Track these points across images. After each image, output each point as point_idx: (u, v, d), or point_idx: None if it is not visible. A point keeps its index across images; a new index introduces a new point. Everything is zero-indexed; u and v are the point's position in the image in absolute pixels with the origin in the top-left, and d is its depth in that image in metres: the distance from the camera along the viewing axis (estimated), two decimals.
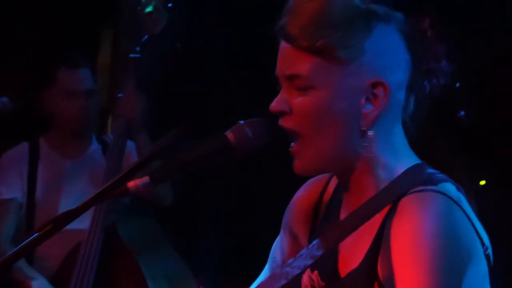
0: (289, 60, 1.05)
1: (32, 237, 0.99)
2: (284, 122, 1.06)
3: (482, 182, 3.02)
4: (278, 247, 1.32)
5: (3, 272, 1.00)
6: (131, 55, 2.55)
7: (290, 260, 1.09)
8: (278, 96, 1.07)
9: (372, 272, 1.03)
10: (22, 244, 0.99)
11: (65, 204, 2.58)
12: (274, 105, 1.06)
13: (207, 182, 3.30)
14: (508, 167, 3.06)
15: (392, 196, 1.04)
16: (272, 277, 1.12)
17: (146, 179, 1.00)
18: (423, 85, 1.11)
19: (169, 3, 2.47)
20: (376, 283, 1.03)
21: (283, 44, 1.07)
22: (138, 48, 2.52)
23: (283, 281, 1.09)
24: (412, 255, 0.96)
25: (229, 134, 1.04)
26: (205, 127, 2.91)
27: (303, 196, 1.26)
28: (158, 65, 2.68)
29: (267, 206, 3.40)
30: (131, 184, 1.00)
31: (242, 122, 1.06)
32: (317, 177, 1.23)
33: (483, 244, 1.00)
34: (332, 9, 1.04)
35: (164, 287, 2.54)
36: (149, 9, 2.43)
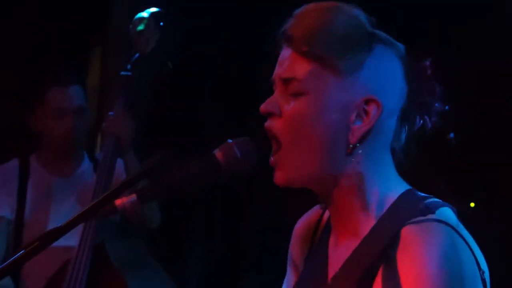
0: (288, 63, 1.05)
1: (18, 254, 0.99)
2: (271, 123, 1.06)
3: (472, 204, 3.09)
4: (285, 283, 1.31)
5: None
6: (122, 73, 2.49)
7: None
8: (270, 98, 1.06)
9: None
10: (8, 261, 0.98)
11: (54, 222, 2.46)
12: (264, 106, 1.06)
13: (192, 201, 3.27)
14: (498, 188, 3.10)
15: (392, 228, 1.03)
16: None
17: (133, 197, 1.00)
18: (415, 119, 1.10)
19: (161, 22, 2.43)
20: None
21: (284, 50, 1.07)
22: (129, 66, 2.47)
23: None
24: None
25: (218, 153, 1.03)
26: (195, 145, 2.92)
27: (301, 225, 1.26)
28: (149, 84, 2.69)
29: (254, 225, 3.45)
30: (118, 202, 1.00)
31: (230, 141, 1.05)
32: (316, 206, 1.22)
33: (479, 268, 1.00)
34: (338, 21, 1.04)
35: None
36: (140, 27, 2.39)
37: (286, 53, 1.07)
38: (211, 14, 3.36)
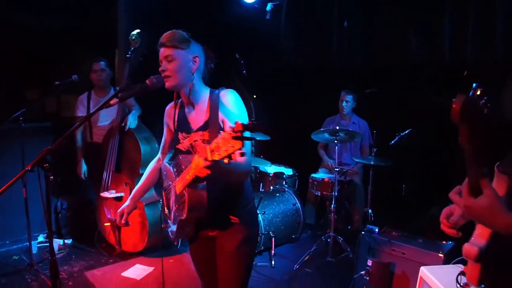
0: (166, 52, 1.94)
1: (79, 122, 1.89)
2: (164, 73, 1.93)
3: (255, 96, 5.05)
4: (163, 138, 2.15)
5: (70, 137, 1.75)
6: (127, 56, 3.88)
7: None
8: (162, 65, 1.95)
9: (215, 121, 1.89)
10: (77, 124, 1.89)
11: (101, 114, 4.30)
12: (162, 67, 1.93)
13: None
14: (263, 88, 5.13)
15: (215, 99, 1.96)
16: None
17: (117, 100, 1.92)
18: (207, 64, 2.06)
19: (141, 35, 3.74)
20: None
21: (162, 49, 1.96)
22: (129, 53, 3.87)
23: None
24: (231, 104, 1.91)
25: (147, 81, 1.91)
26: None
27: (169, 108, 2.13)
28: (137, 60, 3.81)
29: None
30: (113, 101, 1.92)
31: (152, 76, 1.90)
32: (172, 102, 2.06)
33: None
34: (179, 35, 1.98)
35: (145, 143, 3.95)
36: (133, 37, 3.83)
37: (164, 49, 1.92)
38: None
